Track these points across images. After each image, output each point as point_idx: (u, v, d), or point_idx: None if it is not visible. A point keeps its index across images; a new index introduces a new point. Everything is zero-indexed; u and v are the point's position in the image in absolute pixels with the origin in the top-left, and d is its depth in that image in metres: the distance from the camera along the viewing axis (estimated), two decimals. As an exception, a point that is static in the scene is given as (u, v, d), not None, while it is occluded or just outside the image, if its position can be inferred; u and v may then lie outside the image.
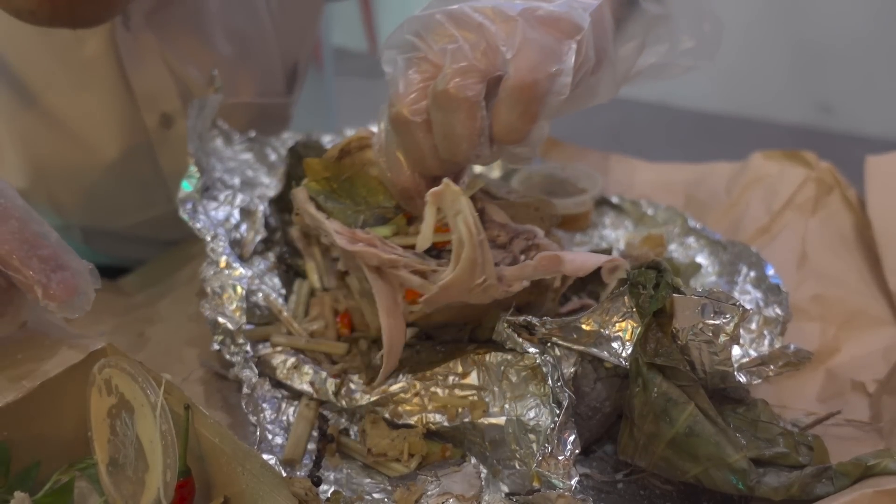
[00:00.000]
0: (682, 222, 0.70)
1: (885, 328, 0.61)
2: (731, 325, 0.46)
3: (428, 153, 0.46)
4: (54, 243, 0.42)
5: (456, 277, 0.45)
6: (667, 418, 0.45)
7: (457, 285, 0.45)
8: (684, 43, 0.52)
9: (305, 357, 0.54)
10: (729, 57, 2.49)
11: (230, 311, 0.54)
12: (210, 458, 0.41)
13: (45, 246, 0.41)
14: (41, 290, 0.41)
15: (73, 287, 0.41)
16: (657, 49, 0.52)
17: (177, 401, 0.41)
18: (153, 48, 0.67)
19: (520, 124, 0.43)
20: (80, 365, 0.44)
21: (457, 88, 0.42)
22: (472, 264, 0.44)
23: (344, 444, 0.51)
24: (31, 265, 0.41)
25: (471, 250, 0.43)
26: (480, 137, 0.44)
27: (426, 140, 0.45)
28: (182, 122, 0.70)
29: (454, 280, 0.45)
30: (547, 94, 0.43)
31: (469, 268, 0.44)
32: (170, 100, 0.70)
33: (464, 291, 0.46)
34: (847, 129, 2.28)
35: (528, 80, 0.42)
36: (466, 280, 0.45)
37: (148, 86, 0.68)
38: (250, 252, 0.62)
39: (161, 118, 0.70)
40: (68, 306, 0.41)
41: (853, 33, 2.23)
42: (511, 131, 0.43)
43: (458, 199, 0.43)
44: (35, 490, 0.43)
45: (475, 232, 0.43)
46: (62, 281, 0.41)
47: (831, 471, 0.44)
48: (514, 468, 0.46)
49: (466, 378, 0.49)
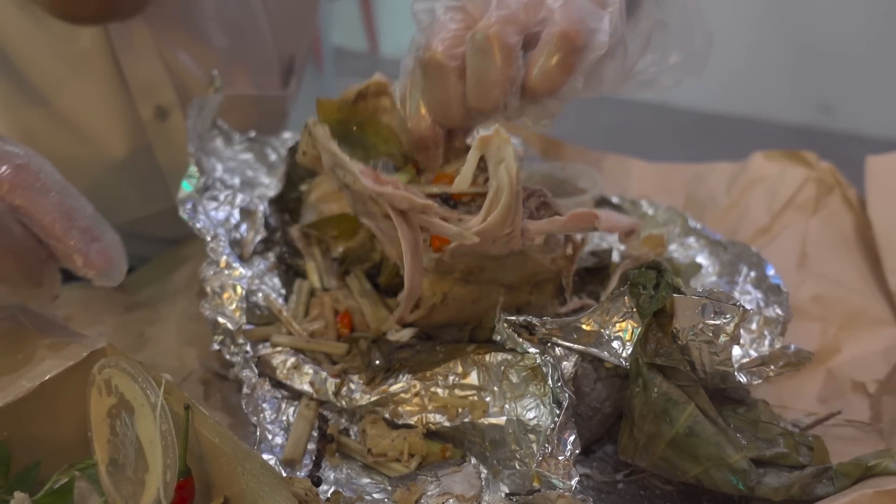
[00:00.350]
0: (682, 222, 0.70)
1: (885, 328, 0.61)
2: (732, 325, 0.46)
3: (455, 100, 0.46)
4: (90, 216, 0.44)
5: (491, 223, 0.45)
6: (667, 418, 0.45)
7: (489, 233, 0.45)
8: (673, 56, 0.53)
9: (305, 357, 0.54)
10: (729, 57, 2.50)
11: (230, 311, 0.54)
12: (210, 458, 0.41)
13: (82, 218, 0.43)
14: (81, 259, 0.43)
15: (109, 257, 0.44)
16: (648, 58, 0.53)
17: (177, 401, 0.41)
18: (147, 39, 0.67)
19: (557, 72, 0.44)
20: (79, 365, 0.44)
21: (499, 34, 0.43)
22: (508, 212, 0.44)
23: (344, 444, 0.51)
24: (71, 235, 0.43)
25: (509, 198, 0.44)
26: (512, 86, 0.45)
27: (457, 87, 0.46)
28: (177, 114, 0.71)
29: (489, 226, 0.45)
30: (586, 47, 0.44)
31: (504, 216, 0.44)
32: (164, 92, 0.70)
33: (489, 241, 0.46)
34: (847, 129, 2.28)
35: (572, 30, 0.43)
36: (497, 228, 0.45)
37: (142, 77, 0.68)
38: (250, 252, 0.62)
39: (156, 110, 0.70)
40: (105, 275, 0.44)
41: (853, 33, 2.22)
42: (547, 78, 0.44)
43: (507, 146, 0.43)
44: (35, 490, 0.43)
45: (516, 181, 0.44)
46: (100, 251, 0.43)
47: (832, 471, 0.44)
48: (514, 468, 0.46)
49: (466, 378, 0.49)
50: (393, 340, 0.55)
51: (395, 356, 0.54)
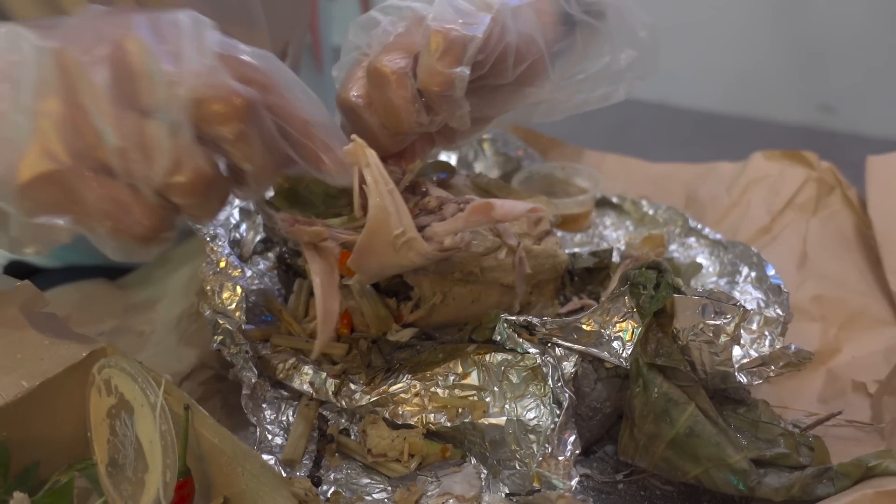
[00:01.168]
0: (682, 222, 0.70)
1: (885, 328, 0.61)
2: (732, 325, 0.46)
3: (377, 131, 0.49)
4: (328, 116, 0.44)
5: (369, 229, 0.46)
6: (667, 419, 0.45)
7: (375, 239, 0.46)
8: (623, 54, 0.55)
9: (305, 357, 0.54)
10: (729, 57, 2.49)
11: (230, 311, 0.54)
12: (210, 458, 0.41)
13: (325, 117, 0.44)
14: (328, 158, 0.43)
15: (342, 161, 0.44)
16: (599, 60, 0.55)
17: (177, 401, 0.41)
18: None
19: (440, 66, 0.46)
20: (79, 365, 0.44)
21: (384, 63, 0.46)
22: (383, 212, 0.45)
23: (344, 444, 0.51)
24: (321, 134, 0.43)
25: (378, 197, 0.45)
26: (415, 104, 0.47)
27: (372, 119, 0.48)
28: None
29: (369, 232, 0.46)
30: (462, 39, 0.46)
31: (381, 217, 0.45)
32: None
33: (388, 248, 0.46)
34: (848, 129, 2.28)
35: (444, 27, 0.46)
36: (382, 232, 0.46)
37: None
38: (250, 252, 0.62)
39: None
40: (342, 176, 0.44)
41: (853, 33, 2.22)
42: (433, 74, 0.46)
43: (364, 151, 0.45)
44: (35, 490, 0.43)
45: (381, 180, 0.45)
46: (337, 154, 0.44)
47: (832, 471, 0.44)
48: (514, 468, 0.46)
49: (466, 378, 0.49)
50: (393, 340, 0.55)
51: (395, 356, 0.54)
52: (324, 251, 0.48)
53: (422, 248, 0.47)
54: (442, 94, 0.46)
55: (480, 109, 0.51)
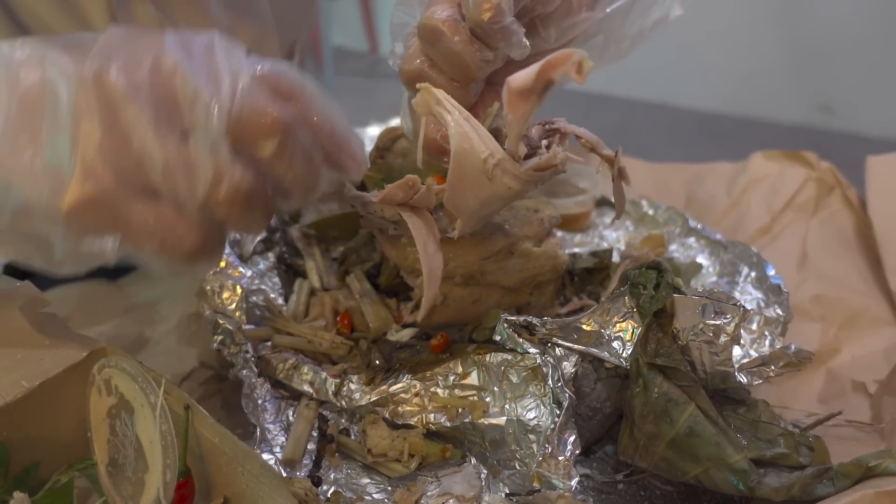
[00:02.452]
0: (682, 222, 0.70)
1: (885, 328, 0.61)
2: (732, 325, 0.46)
3: (449, 89, 0.48)
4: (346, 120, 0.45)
5: (456, 158, 0.44)
6: (667, 419, 0.45)
7: (464, 169, 0.44)
8: None
9: (305, 357, 0.54)
10: (729, 57, 2.49)
11: (230, 311, 0.54)
12: (210, 458, 0.41)
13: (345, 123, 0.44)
14: (352, 163, 0.43)
15: (363, 159, 0.44)
16: None
17: (177, 401, 0.41)
18: (150, 13, 0.67)
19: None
20: (79, 365, 0.44)
21: (433, 17, 0.45)
22: (465, 139, 0.44)
23: (344, 444, 0.51)
24: (348, 141, 0.43)
25: (456, 126, 0.44)
26: (474, 44, 0.46)
27: (440, 78, 0.47)
28: None
29: (456, 162, 0.44)
30: None
31: (464, 145, 0.44)
32: None
33: (480, 177, 0.44)
34: (847, 129, 2.28)
35: None
36: (471, 159, 0.44)
37: None
38: (250, 252, 0.62)
39: None
40: (360, 175, 0.45)
41: (853, 33, 2.23)
42: (478, 5, 0.45)
43: (431, 91, 0.44)
44: (35, 490, 0.43)
45: (456, 110, 0.44)
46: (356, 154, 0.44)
47: (832, 471, 0.44)
48: (514, 468, 0.46)
49: (466, 378, 0.49)
50: (393, 340, 0.55)
51: (395, 356, 0.54)
52: (420, 210, 0.47)
53: (514, 168, 0.45)
54: (493, 23, 0.45)
55: (538, 45, 0.49)
